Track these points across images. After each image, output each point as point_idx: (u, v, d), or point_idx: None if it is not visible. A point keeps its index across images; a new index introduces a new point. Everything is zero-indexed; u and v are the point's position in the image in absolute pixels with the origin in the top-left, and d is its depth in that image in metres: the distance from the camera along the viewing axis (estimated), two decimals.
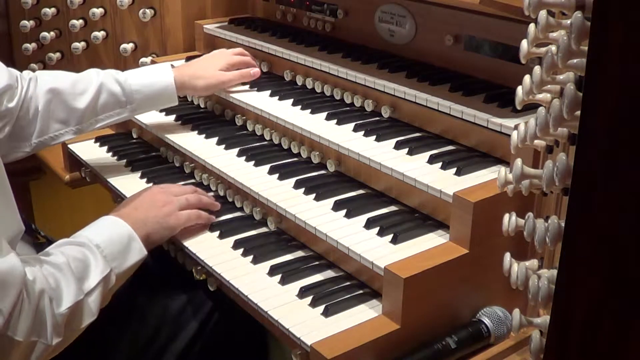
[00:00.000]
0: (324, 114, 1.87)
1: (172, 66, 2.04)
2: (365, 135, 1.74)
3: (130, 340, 1.75)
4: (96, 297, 1.43)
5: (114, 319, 1.66)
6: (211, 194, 1.87)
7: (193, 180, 1.95)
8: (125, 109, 1.94)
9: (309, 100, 1.95)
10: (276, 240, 1.67)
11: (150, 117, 2.16)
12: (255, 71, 2.09)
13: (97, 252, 1.47)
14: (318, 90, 2.02)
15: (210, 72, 2.03)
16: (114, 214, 1.62)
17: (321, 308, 1.43)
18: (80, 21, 2.59)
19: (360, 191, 1.69)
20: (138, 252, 1.56)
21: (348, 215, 1.58)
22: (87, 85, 1.89)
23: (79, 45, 2.59)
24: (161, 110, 2.20)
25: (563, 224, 0.86)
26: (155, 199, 1.68)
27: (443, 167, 1.57)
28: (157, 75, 1.96)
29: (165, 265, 1.75)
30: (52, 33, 2.65)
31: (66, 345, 1.39)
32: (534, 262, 1.23)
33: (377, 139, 1.71)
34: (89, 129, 1.93)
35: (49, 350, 1.33)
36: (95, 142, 2.24)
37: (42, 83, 1.85)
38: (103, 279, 1.45)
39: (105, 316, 1.48)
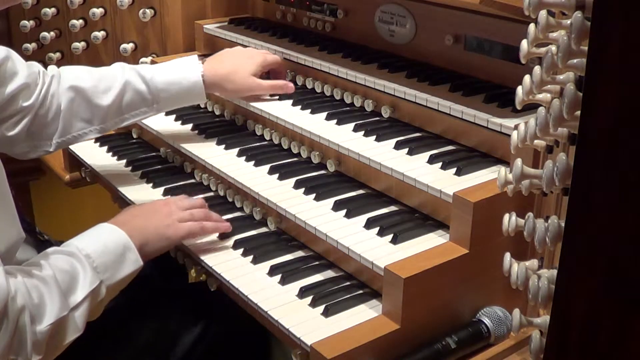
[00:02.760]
0: (324, 114, 1.87)
1: (204, 59, 1.95)
2: (365, 135, 1.74)
3: (131, 341, 1.75)
4: (83, 312, 1.36)
5: (114, 323, 1.65)
6: (211, 194, 1.87)
7: (193, 180, 1.95)
8: (152, 107, 1.86)
9: (309, 100, 1.95)
10: (276, 240, 1.67)
11: (151, 118, 2.16)
12: (290, 86, 1.98)
13: (86, 263, 1.40)
14: (318, 90, 2.02)
15: (244, 77, 1.92)
16: (111, 221, 1.55)
17: (321, 308, 1.43)
18: (80, 21, 2.59)
19: (360, 191, 1.69)
20: (133, 263, 1.49)
21: (348, 215, 1.58)
22: (111, 82, 1.82)
23: (79, 45, 2.59)
24: None
25: (563, 224, 0.87)
26: (157, 209, 1.63)
27: (443, 167, 1.57)
28: (184, 73, 1.86)
29: (165, 267, 1.74)
30: (52, 33, 2.65)
31: None
32: (534, 262, 1.23)
33: (377, 139, 1.71)
34: (113, 127, 1.88)
35: None
36: (95, 142, 2.23)
37: (64, 80, 1.79)
38: (91, 292, 1.38)
39: (104, 321, 1.47)
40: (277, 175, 1.76)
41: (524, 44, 1.14)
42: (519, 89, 1.15)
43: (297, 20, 2.36)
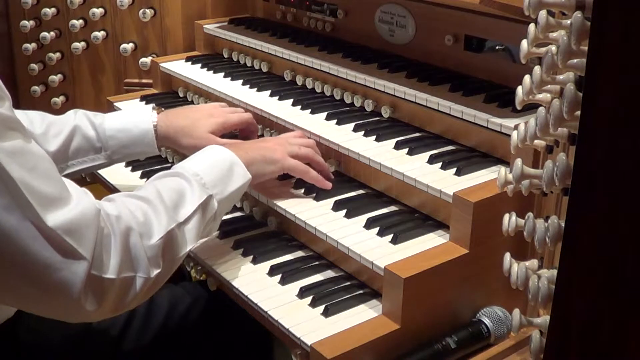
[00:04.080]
0: (324, 114, 1.87)
1: (161, 110, 1.88)
2: (365, 135, 1.74)
3: (133, 343, 1.75)
4: (193, 225, 1.40)
5: (115, 324, 1.66)
6: None
7: None
8: (100, 155, 1.80)
9: (309, 100, 1.95)
10: (276, 240, 1.67)
11: None
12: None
13: (193, 181, 1.44)
14: (318, 90, 2.02)
15: (200, 133, 1.80)
16: (216, 145, 1.60)
17: (321, 308, 1.43)
18: (80, 21, 2.59)
19: (360, 191, 1.69)
20: (242, 177, 1.53)
21: (348, 215, 1.58)
22: (61, 128, 1.76)
23: (79, 45, 2.59)
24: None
25: (563, 224, 0.87)
26: (267, 140, 1.68)
27: (443, 167, 1.57)
28: (135, 121, 1.81)
29: None
30: (52, 33, 2.65)
31: (169, 276, 1.37)
32: (534, 262, 1.23)
33: (377, 139, 1.71)
34: (60, 173, 1.81)
35: (149, 282, 1.29)
36: None
37: None
38: (200, 205, 1.41)
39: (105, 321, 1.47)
40: None
41: (524, 44, 1.14)
42: (519, 89, 1.15)
43: (297, 20, 2.36)
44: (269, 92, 2.04)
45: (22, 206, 1.11)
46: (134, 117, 1.83)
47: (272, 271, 1.55)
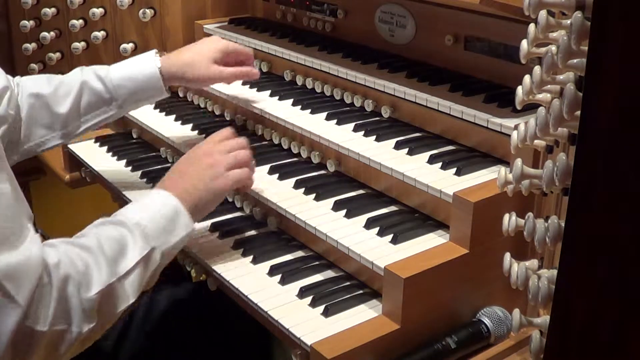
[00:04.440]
0: (324, 114, 1.86)
1: (164, 53, 1.90)
2: (365, 135, 1.74)
3: (133, 343, 1.75)
4: (134, 280, 1.34)
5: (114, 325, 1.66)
6: None
7: None
8: (111, 106, 1.80)
9: (309, 100, 1.95)
10: (276, 240, 1.67)
11: (151, 118, 2.17)
12: (255, 72, 1.96)
13: (135, 231, 1.38)
14: (318, 90, 2.02)
15: (203, 64, 1.85)
16: (159, 185, 1.54)
17: (321, 308, 1.43)
18: (80, 21, 2.59)
19: (360, 191, 1.69)
20: (185, 227, 1.46)
21: (348, 215, 1.58)
22: (70, 86, 1.78)
23: (79, 45, 2.59)
24: (161, 110, 2.20)
25: (563, 224, 0.87)
26: (200, 161, 1.57)
27: (443, 167, 1.57)
28: (140, 66, 1.82)
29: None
30: (52, 33, 2.65)
31: (103, 331, 1.32)
32: (534, 262, 1.23)
33: (377, 139, 1.71)
34: (76, 132, 1.81)
35: (81, 337, 1.24)
36: (95, 142, 2.24)
37: (24, 88, 1.76)
38: (142, 259, 1.36)
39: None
40: (277, 175, 1.76)
41: (524, 44, 1.14)
42: (519, 89, 1.15)
43: (297, 20, 2.36)
44: (269, 92, 2.04)
45: None
46: (138, 63, 1.83)
47: (272, 271, 1.55)
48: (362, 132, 1.75)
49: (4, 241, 1.13)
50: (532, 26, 1.10)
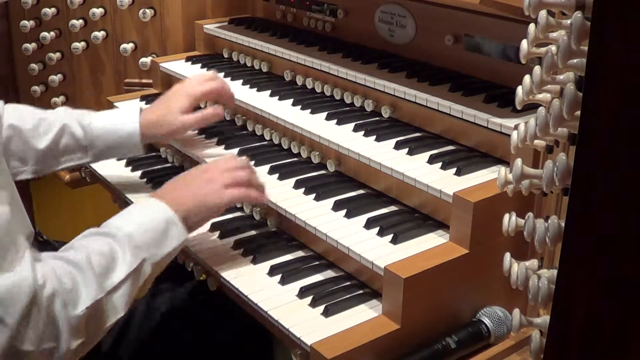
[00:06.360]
0: (324, 114, 1.87)
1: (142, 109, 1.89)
2: (365, 135, 1.74)
3: (133, 343, 1.75)
4: (123, 293, 1.32)
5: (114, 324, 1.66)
6: None
7: None
8: (87, 154, 1.83)
9: (309, 100, 1.95)
10: (276, 240, 1.67)
11: None
12: (218, 112, 1.90)
13: (125, 243, 1.36)
14: (318, 90, 2.02)
15: (173, 117, 1.84)
16: (152, 195, 1.52)
17: (321, 308, 1.43)
18: (80, 21, 2.59)
19: (360, 191, 1.69)
20: (177, 238, 1.44)
21: (348, 215, 1.58)
22: (50, 125, 1.78)
23: (79, 45, 2.59)
24: None
25: (563, 224, 0.87)
26: (198, 176, 1.56)
27: (443, 167, 1.57)
28: (122, 122, 1.83)
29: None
30: (52, 33, 2.65)
31: (95, 343, 1.31)
32: (534, 262, 1.23)
33: (377, 139, 1.71)
34: (48, 170, 1.82)
35: (70, 354, 1.24)
36: None
37: (6, 117, 1.74)
38: (132, 272, 1.34)
39: None
40: (277, 175, 1.76)
41: (524, 44, 1.14)
42: (519, 89, 1.15)
43: (297, 20, 2.36)
44: (269, 92, 2.04)
45: None
46: (121, 117, 1.84)
47: (272, 271, 1.55)
48: (362, 132, 1.75)
49: None
50: (532, 26, 1.10)
